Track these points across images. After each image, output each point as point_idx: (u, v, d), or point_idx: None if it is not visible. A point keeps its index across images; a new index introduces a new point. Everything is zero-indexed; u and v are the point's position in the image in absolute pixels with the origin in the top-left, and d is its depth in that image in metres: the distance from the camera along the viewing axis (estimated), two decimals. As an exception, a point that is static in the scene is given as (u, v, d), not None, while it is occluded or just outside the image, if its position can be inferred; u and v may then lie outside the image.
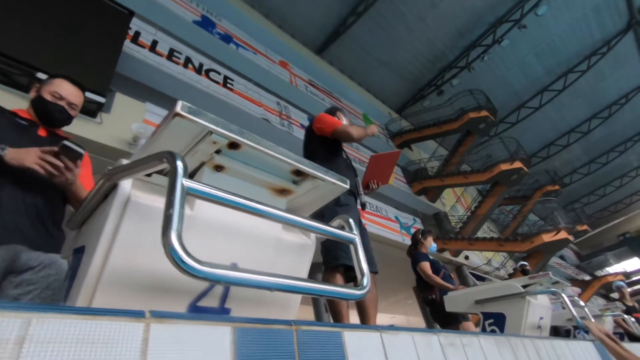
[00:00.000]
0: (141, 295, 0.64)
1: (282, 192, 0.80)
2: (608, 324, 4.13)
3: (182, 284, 0.63)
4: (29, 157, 1.09)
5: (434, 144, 13.26)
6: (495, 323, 2.06)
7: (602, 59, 12.38)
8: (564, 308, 2.70)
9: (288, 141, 6.71)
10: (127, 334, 0.37)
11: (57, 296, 1.16)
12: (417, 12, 9.59)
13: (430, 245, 2.87)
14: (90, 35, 3.78)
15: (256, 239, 0.76)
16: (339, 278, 1.68)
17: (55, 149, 1.11)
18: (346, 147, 2.09)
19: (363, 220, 1.96)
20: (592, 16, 11.11)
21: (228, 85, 6.29)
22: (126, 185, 0.62)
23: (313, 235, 0.89)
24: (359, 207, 1.93)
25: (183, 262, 0.44)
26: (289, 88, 7.79)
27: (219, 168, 0.71)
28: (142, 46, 5.12)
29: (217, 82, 6.06)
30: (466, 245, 9.78)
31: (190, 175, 0.72)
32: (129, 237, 0.61)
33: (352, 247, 0.73)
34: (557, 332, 3.81)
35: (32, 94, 1.33)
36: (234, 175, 0.74)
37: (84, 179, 1.32)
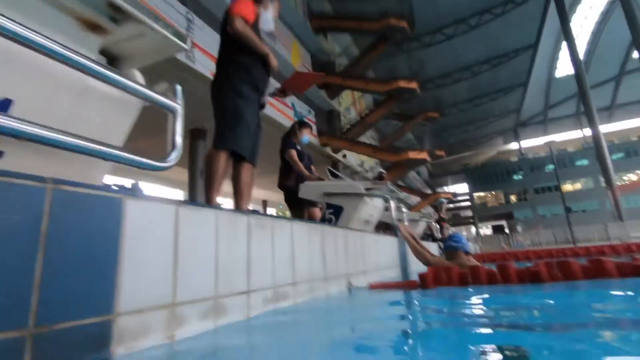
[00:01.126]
0: None
1: (95, 28, 0.64)
2: (421, 228, 5.36)
3: None
4: None
5: (349, 40, 12.90)
6: (333, 213, 2.41)
7: (515, 8, 13.20)
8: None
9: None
10: None
11: None
12: None
13: (303, 137, 2.98)
14: None
15: (49, 78, 0.61)
16: (222, 158, 1.55)
17: None
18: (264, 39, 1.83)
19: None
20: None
21: None
22: None
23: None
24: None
25: None
26: None
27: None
28: None
29: None
30: (347, 145, 10.72)
31: None
32: None
33: (170, 116, 0.66)
34: (387, 227, 4.72)
35: None
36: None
37: None
